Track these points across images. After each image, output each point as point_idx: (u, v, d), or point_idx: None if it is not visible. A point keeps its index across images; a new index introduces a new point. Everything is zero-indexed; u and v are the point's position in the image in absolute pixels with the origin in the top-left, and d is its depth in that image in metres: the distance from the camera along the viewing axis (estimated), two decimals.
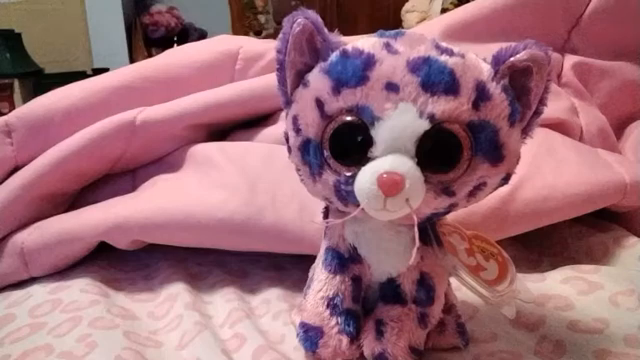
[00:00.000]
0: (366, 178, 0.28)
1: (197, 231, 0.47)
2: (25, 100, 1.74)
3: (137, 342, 0.40)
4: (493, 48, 0.32)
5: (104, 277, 0.51)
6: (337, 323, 0.34)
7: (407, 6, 1.67)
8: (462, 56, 0.29)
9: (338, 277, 0.35)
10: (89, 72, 2.19)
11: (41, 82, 2.12)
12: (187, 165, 0.56)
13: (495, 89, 0.29)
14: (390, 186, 0.27)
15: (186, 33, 2.72)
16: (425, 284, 0.34)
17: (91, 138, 0.54)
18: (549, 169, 0.50)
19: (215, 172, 0.52)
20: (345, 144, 0.29)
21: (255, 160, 0.53)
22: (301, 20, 0.30)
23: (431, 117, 0.27)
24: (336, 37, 0.31)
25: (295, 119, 0.31)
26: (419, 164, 0.28)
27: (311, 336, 0.34)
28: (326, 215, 0.37)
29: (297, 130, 0.31)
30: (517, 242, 0.54)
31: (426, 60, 0.28)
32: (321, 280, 0.35)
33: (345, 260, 0.34)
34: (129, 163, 0.58)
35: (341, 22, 1.88)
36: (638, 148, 0.58)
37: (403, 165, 0.27)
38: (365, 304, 0.36)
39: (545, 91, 0.30)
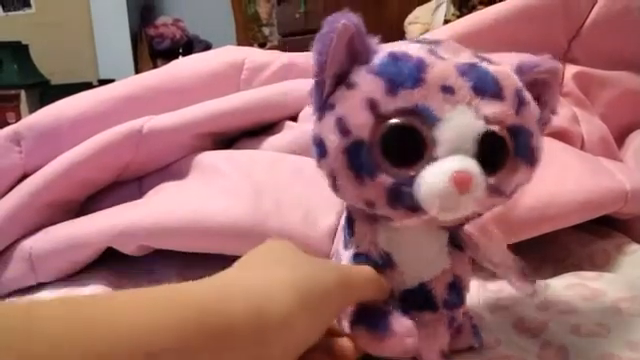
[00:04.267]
0: (438, 177, 0.28)
1: (202, 237, 0.48)
2: (32, 110, 1.76)
3: None
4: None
5: (111, 283, 0.51)
6: None
7: (410, 18, 1.69)
8: (499, 65, 0.31)
9: None
10: (95, 83, 2.22)
11: (47, 93, 2.14)
12: (193, 173, 0.56)
13: (528, 96, 0.31)
14: (464, 184, 0.28)
15: (191, 45, 2.75)
16: (457, 287, 0.34)
17: (98, 146, 0.55)
18: (551, 176, 0.50)
19: (221, 179, 0.53)
20: (403, 144, 0.29)
21: (261, 167, 0.53)
22: (344, 22, 0.29)
23: (486, 119, 0.29)
24: (374, 41, 0.31)
25: (340, 121, 0.30)
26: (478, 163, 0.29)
27: None
28: (350, 224, 0.35)
29: (344, 132, 0.29)
30: (519, 248, 0.54)
31: (472, 66, 0.30)
32: None
33: (379, 266, 0.33)
34: (136, 171, 0.59)
35: None
36: (639, 156, 0.59)
37: (470, 164, 0.28)
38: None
39: (556, 100, 0.33)
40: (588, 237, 0.54)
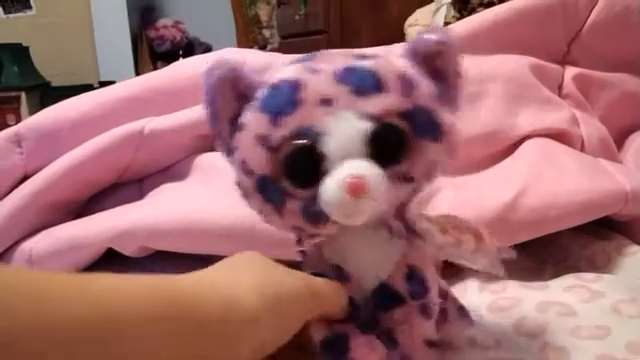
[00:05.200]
0: (332, 188, 0.28)
1: (203, 238, 0.48)
2: (32, 112, 1.76)
3: None
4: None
5: None
6: None
7: (410, 20, 1.69)
8: (376, 57, 0.31)
9: None
10: (95, 85, 2.22)
11: (48, 95, 2.14)
12: (194, 174, 0.57)
13: (416, 76, 0.31)
14: (356, 189, 0.28)
15: (191, 47, 2.75)
16: (415, 276, 0.34)
17: (100, 148, 0.55)
18: (551, 178, 0.50)
19: (221, 180, 0.53)
20: (300, 167, 0.30)
21: None
22: (220, 71, 0.30)
23: (370, 117, 0.29)
24: (259, 76, 0.32)
25: (243, 163, 0.31)
26: (373, 161, 0.29)
27: None
28: (300, 243, 0.36)
29: (249, 172, 0.31)
30: (519, 250, 0.54)
31: (349, 69, 0.30)
32: None
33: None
34: (137, 172, 0.59)
35: (345, 35, 1.90)
36: (639, 158, 0.59)
37: (361, 166, 0.29)
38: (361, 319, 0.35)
39: (456, 65, 0.33)
40: (588, 238, 0.54)
